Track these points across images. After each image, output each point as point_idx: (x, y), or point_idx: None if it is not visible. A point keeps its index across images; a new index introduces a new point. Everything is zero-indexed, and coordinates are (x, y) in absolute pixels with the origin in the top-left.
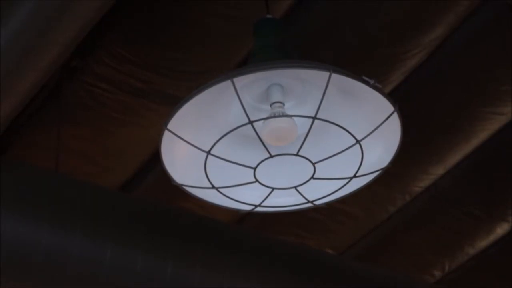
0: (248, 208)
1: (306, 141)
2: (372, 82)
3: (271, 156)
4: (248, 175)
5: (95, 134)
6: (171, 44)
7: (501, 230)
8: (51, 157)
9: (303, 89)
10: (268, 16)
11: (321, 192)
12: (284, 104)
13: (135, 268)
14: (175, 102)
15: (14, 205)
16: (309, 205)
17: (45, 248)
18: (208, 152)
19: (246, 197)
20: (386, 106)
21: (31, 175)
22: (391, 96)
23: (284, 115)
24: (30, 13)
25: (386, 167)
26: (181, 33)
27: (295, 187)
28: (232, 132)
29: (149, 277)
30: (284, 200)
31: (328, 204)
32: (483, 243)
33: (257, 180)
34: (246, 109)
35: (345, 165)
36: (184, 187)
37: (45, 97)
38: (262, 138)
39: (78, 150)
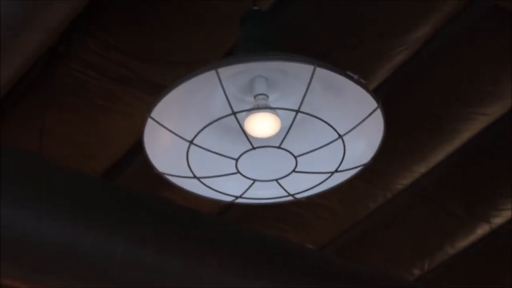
0: (229, 199)
1: (288, 134)
2: (356, 77)
3: (253, 148)
4: (230, 166)
5: (80, 120)
6: (158, 32)
7: (481, 231)
8: (35, 142)
9: (288, 82)
10: (255, 8)
11: (303, 185)
12: (268, 96)
13: (115, 254)
14: (160, 91)
15: None
16: (290, 198)
17: (24, 232)
18: (191, 142)
19: (228, 188)
20: (369, 102)
21: (14, 158)
22: (376, 93)
23: (268, 107)
24: None
25: (368, 163)
26: (168, 22)
27: (276, 180)
28: (215, 123)
29: (129, 263)
30: (265, 193)
31: (310, 198)
32: (463, 243)
33: (238, 172)
34: (230, 100)
35: (327, 159)
36: (166, 176)
37: (31, 82)
38: (245, 129)
39: (62, 135)
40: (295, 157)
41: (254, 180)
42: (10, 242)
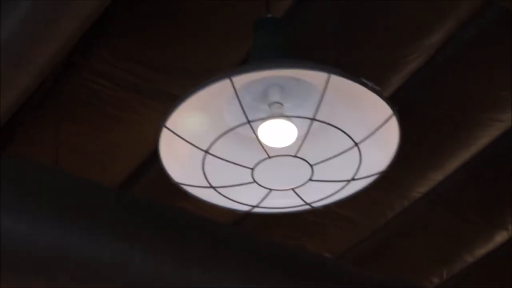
0: (246, 208)
1: (304, 143)
2: (371, 84)
3: (269, 157)
4: (246, 176)
5: (94, 131)
6: (172, 41)
7: (500, 238)
8: (50, 153)
9: (302, 90)
10: (268, 15)
11: (319, 194)
12: (283, 105)
13: (134, 265)
14: (174, 100)
15: (12, 200)
16: (307, 207)
17: (43, 244)
18: (206, 151)
19: (244, 197)
20: (385, 109)
21: (30, 170)
22: (391, 100)
23: (283, 116)
24: (30, 7)
25: (384, 170)
26: (182, 30)
27: (292, 189)
28: (230, 132)
29: (147, 275)
30: (282, 202)
31: (326, 207)
32: (482, 250)
33: (255, 181)
34: (245, 109)
35: (343, 167)
36: (182, 186)
37: (44, 93)
38: (261, 138)
39: (77, 146)
40: (311, 166)
41: (271, 189)
42: (26, 255)
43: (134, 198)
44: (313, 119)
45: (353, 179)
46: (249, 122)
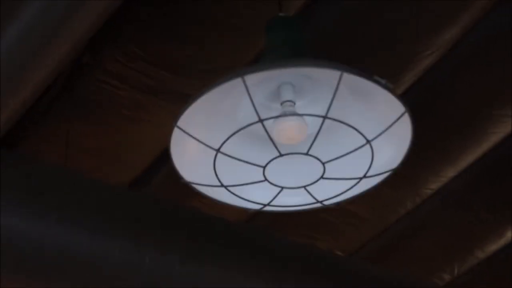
0: (257, 207)
1: (316, 141)
2: (383, 82)
3: (281, 155)
4: (258, 174)
5: (105, 131)
6: (183, 41)
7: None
8: (61, 153)
9: (314, 88)
10: (281, 14)
11: (331, 192)
12: (294, 103)
13: (143, 265)
14: (186, 100)
15: (22, 200)
16: (319, 205)
17: (50, 244)
18: (218, 150)
19: (255, 196)
20: (397, 107)
21: (39, 170)
22: (403, 97)
23: (295, 114)
24: (42, 7)
25: (396, 168)
26: (193, 30)
27: (304, 187)
28: (242, 131)
29: (156, 275)
30: (293, 200)
31: (338, 205)
32: (493, 247)
33: (266, 179)
34: (257, 108)
35: (355, 165)
36: (193, 185)
37: (56, 93)
38: (272, 136)
39: (87, 146)
40: (323, 164)
41: (282, 188)
42: (35, 256)
43: (143, 198)
44: (325, 117)
45: (365, 176)
46: (261, 120)
